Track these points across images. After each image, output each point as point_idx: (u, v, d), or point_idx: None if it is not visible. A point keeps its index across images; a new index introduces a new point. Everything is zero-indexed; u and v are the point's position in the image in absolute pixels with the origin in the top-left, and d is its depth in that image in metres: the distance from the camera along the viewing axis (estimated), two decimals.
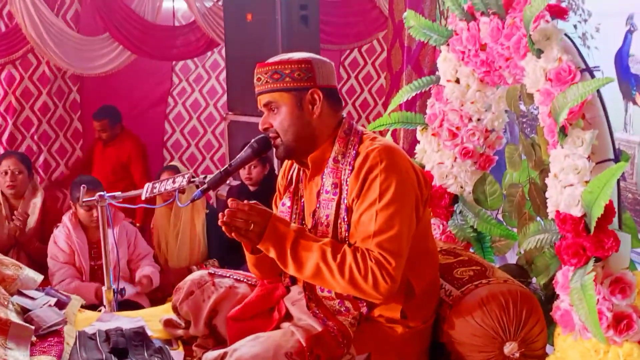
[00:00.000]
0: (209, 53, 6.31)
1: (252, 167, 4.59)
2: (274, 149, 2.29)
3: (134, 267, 4.24)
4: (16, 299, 2.64)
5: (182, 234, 4.45)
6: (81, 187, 3.03)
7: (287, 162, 2.48)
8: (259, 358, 2.02)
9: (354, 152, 2.21)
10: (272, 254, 2.14)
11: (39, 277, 2.85)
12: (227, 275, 2.59)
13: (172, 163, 4.73)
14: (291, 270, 2.14)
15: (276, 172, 4.99)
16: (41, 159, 5.92)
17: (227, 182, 2.87)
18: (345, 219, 2.18)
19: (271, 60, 2.26)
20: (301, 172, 2.37)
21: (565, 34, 2.28)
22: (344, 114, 2.36)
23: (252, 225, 2.12)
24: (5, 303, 2.52)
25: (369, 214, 2.10)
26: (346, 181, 2.18)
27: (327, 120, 2.26)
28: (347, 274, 2.05)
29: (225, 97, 6.06)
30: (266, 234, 2.12)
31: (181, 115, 6.50)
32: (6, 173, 4.44)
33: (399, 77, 4.78)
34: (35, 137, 5.87)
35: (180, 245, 4.45)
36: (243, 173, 4.62)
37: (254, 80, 2.28)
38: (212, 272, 2.60)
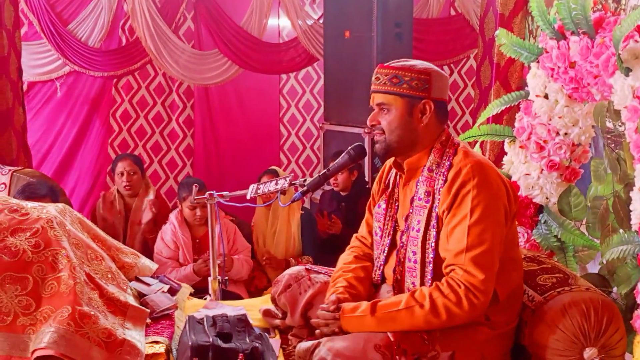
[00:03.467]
0: None
1: (340, 173, 4.62)
2: (375, 144, 2.32)
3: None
4: (134, 284, 2.77)
5: (279, 233, 4.52)
6: (193, 187, 3.16)
7: (384, 168, 2.52)
8: (349, 349, 2.06)
9: (448, 163, 2.22)
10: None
11: (154, 266, 2.98)
12: (322, 271, 2.64)
13: (273, 167, 4.82)
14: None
15: (366, 178, 5.03)
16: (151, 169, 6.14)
17: (323, 185, 2.93)
18: (435, 226, 2.20)
19: (394, 63, 2.27)
20: (397, 177, 2.41)
21: None
22: None
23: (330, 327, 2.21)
24: (125, 287, 2.65)
25: (461, 229, 2.12)
26: (439, 191, 2.20)
27: (431, 130, 2.28)
28: (444, 312, 2.09)
29: (321, 111, 6.15)
30: (345, 327, 2.19)
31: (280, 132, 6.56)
32: (122, 174, 4.62)
33: (488, 92, 4.74)
34: (147, 147, 6.12)
35: (277, 242, 4.52)
36: (330, 179, 4.67)
37: (371, 79, 2.30)
38: (309, 268, 2.66)
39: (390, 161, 2.48)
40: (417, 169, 2.30)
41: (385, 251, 2.38)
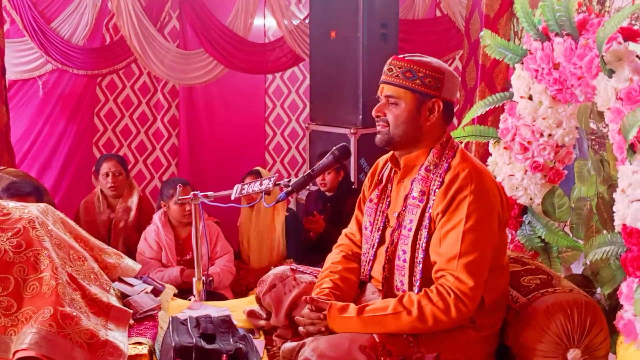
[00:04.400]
0: None
1: (327, 173, 4.65)
2: (377, 135, 2.30)
3: (212, 264, 4.32)
4: (117, 285, 2.76)
5: (262, 234, 4.50)
6: (177, 186, 3.15)
7: (378, 163, 2.52)
8: (334, 350, 2.05)
9: (446, 165, 2.22)
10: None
11: (138, 266, 2.96)
12: (308, 272, 2.64)
13: (256, 168, 4.80)
14: None
15: (352, 178, 5.04)
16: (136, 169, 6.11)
17: (308, 186, 2.93)
18: (427, 227, 2.20)
19: (409, 57, 2.25)
20: (392, 173, 2.41)
21: (637, 56, 2.26)
22: None
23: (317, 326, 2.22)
24: (108, 288, 2.64)
25: (455, 234, 2.12)
26: (434, 192, 2.20)
27: (435, 130, 2.28)
28: (431, 319, 2.10)
29: (306, 111, 6.14)
30: (331, 326, 2.19)
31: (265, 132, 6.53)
32: (107, 175, 4.58)
33: (473, 93, 4.76)
34: (132, 146, 6.08)
35: (260, 243, 4.51)
36: (318, 179, 4.67)
37: (384, 69, 2.28)
38: (294, 268, 2.66)
39: (383, 157, 2.48)
40: (413, 167, 2.30)
41: (375, 247, 2.38)
